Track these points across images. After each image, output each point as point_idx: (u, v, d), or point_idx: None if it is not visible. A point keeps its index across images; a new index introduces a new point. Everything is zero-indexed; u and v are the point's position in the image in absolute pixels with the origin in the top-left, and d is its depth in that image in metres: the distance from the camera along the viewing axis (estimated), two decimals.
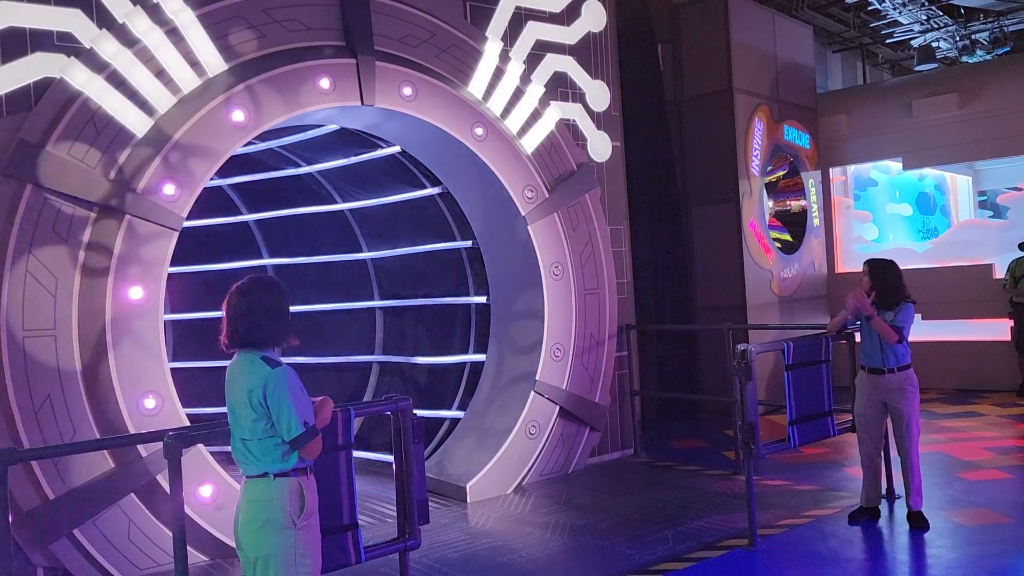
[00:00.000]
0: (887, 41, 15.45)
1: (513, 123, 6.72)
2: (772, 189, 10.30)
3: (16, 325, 4.57)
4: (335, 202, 8.01)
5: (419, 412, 4.75)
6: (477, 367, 7.29)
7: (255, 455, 3.00)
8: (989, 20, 14.06)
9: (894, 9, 13.44)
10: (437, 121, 6.23)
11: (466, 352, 7.47)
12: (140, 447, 4.77)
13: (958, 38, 14.33)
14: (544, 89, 6.95)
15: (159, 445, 3.70)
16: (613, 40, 7.71)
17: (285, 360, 3.06)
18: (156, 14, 5.05)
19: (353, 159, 7.37)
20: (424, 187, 7.26)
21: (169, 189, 5.02)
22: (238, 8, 5.37)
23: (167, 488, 3.37)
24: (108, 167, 4.86)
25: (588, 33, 7.38)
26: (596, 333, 7.20)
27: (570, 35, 7.26)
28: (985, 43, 14.46)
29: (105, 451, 4.74)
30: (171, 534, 3.31)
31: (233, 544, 3.13)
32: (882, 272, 5.28)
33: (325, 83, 5.66)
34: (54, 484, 4.61)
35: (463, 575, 4.81)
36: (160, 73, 5.04)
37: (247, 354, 3.04)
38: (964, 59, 14.41)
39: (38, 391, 4.61)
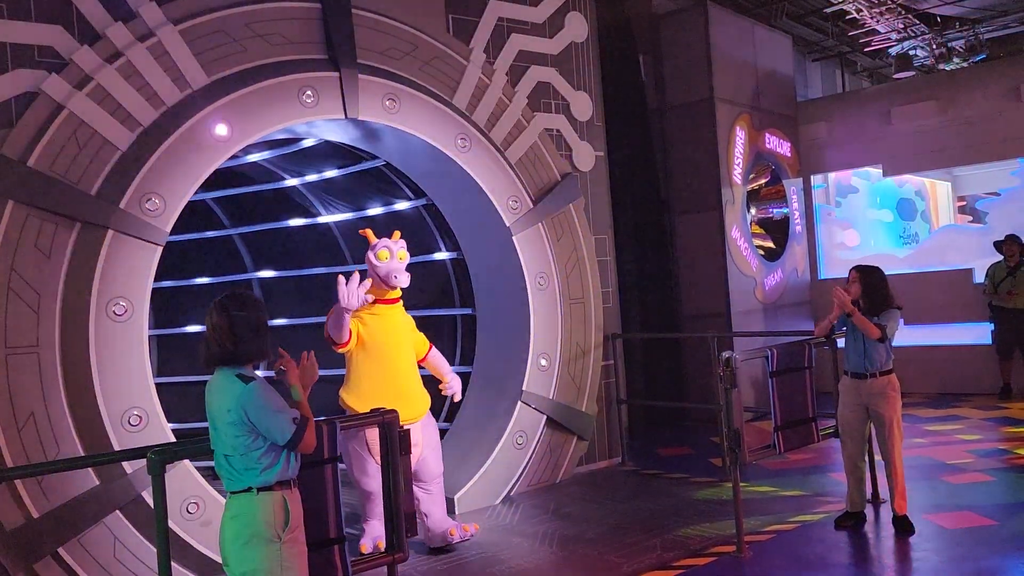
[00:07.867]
0: (865, 50, 15.65)
1: (497, 134, 6.75)
2: (754, 197, 10.38)
3: None
4: (320, 215, 8.01)
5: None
6: (464, 378, 7.28)
7: (237, 470, 3.00)
8: (965, 28, 14.27)
9: (872, 18, 13.62)
10: (421, 133, 6.25)
11: (452, 363, 7.46)
12: (125, 464, 4.73)
13: (935, 46, 14.54)
14: (527, 100, 6.99)
15: (144, 461, 3.67)
16: (595, 51, 7.76)
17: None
18: (138, 28, 5.05)
19: (337, 172, 7.37)
20: (409, 199, 7.28)
21: (152, 203, 5.01)
22: (220, 22, 5.37)
23: (152, 504, 3.35)
24: (91, 182, 4.84)
25: (571, 44, 7.44)
26: (582, 342, 7.22)
27: (553, 46, 7.31)
28: (961, 51, 14.68)
29: (90, 468, 4.70)
30: (156, 550, 3.29)
31: (219, 559, 3.12)
32: (870, 278, 5.33)
33: (308, 96, 5.67)
34: (38, 502, 4.56)
35: None
36: (142, 87, 5.04)
37: (224, 371, 3.05)
38: (941, 67, 14.61)
39: (21, 408, 4.57)
